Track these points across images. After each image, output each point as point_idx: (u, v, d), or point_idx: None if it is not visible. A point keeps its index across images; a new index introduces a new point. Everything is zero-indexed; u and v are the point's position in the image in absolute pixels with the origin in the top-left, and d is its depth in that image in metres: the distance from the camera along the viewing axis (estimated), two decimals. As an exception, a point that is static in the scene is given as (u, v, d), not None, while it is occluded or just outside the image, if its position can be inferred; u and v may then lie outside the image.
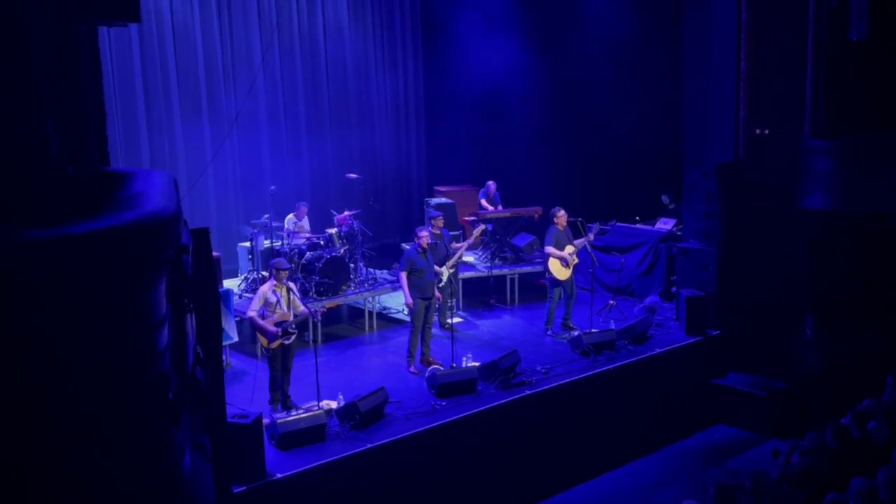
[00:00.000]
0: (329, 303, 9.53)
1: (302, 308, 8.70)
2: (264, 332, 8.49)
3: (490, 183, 13.95)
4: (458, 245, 11.15)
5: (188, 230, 4.38)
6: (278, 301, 8.52)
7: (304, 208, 12.28)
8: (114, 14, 5.32)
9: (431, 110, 16.34)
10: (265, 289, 8.55)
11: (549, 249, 10.91)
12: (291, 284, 8.76)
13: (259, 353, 9.83)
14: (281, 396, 8.68)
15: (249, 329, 9.93)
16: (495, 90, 15.63)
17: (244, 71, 13.51)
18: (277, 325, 8.48)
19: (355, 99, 15.21)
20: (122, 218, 3.17)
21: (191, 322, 4.25)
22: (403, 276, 9.87)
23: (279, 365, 8.60)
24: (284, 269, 8.63)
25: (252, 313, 8.48)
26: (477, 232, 11.37)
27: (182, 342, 3.82)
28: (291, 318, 8.56)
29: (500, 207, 13.79)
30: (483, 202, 13.83)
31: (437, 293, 10.10)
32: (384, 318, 12.17)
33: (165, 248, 3.38)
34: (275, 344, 8.49)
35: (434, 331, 10.49)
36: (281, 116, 14.12)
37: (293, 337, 8.59)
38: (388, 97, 15.74)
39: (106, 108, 5.39)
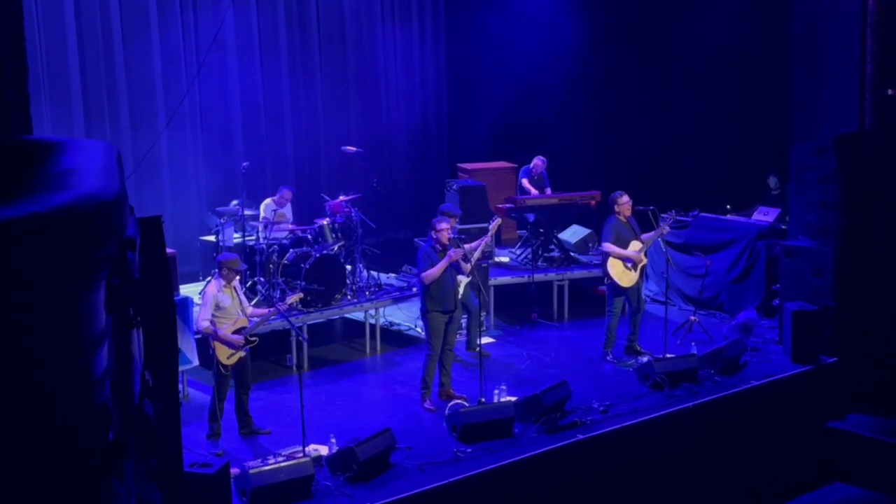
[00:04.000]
0: (292, 297, 9.63)
1: (251, 310, 9.29)
2: (226, 343, 8.87)
3: (539, 159, 13.88)
4: (470, 246, 10.66)
5: (135, 219, 4.40)
6: (231, 305, 9.01)
7: (287, 193, 12.33)
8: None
9: (456, 60, 16.35)
10: (213, 291, 9.01)
11: (609, 247, 10.89)
12: (237, 285, 9.22)
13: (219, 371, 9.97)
14: (242, 420, 9.20)
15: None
16: (544, 36, 15.58)
17: (208, 9, 13.55)
18: (236, 333, 8.97)
19: (354, 43, 15.23)
20: (47, 202, 3.19)
21: (138, 340, 4.28)
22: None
23: (227, 388, 9.06)
24: (238, 270, 9.22)
25: (205, 323, 8.90)
26: (493, 227, 11.03)
27: (126, 367, 3.84)
28: (248, 324, 9.04)
29: (548, 191, 13.76)
30: (525, 183, 13.78)
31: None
32: (391, 336, 12.20)
33: (105, 243, 3.39)
34: (234, 358, 8.93)
35: (457, 354, 10.50)
36: (256, 68, 14.15)
37: (251, 346, 9.09)
38: (398, 40, 15.75)
39: (28, 62, 5.43)
